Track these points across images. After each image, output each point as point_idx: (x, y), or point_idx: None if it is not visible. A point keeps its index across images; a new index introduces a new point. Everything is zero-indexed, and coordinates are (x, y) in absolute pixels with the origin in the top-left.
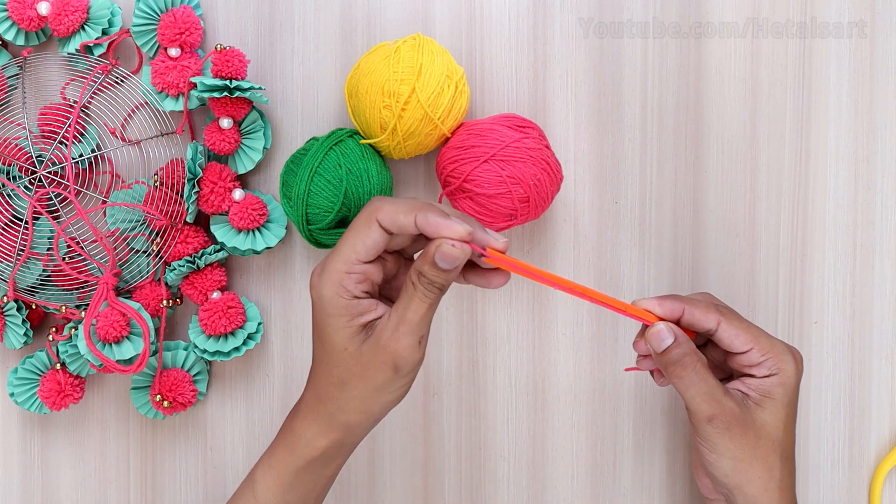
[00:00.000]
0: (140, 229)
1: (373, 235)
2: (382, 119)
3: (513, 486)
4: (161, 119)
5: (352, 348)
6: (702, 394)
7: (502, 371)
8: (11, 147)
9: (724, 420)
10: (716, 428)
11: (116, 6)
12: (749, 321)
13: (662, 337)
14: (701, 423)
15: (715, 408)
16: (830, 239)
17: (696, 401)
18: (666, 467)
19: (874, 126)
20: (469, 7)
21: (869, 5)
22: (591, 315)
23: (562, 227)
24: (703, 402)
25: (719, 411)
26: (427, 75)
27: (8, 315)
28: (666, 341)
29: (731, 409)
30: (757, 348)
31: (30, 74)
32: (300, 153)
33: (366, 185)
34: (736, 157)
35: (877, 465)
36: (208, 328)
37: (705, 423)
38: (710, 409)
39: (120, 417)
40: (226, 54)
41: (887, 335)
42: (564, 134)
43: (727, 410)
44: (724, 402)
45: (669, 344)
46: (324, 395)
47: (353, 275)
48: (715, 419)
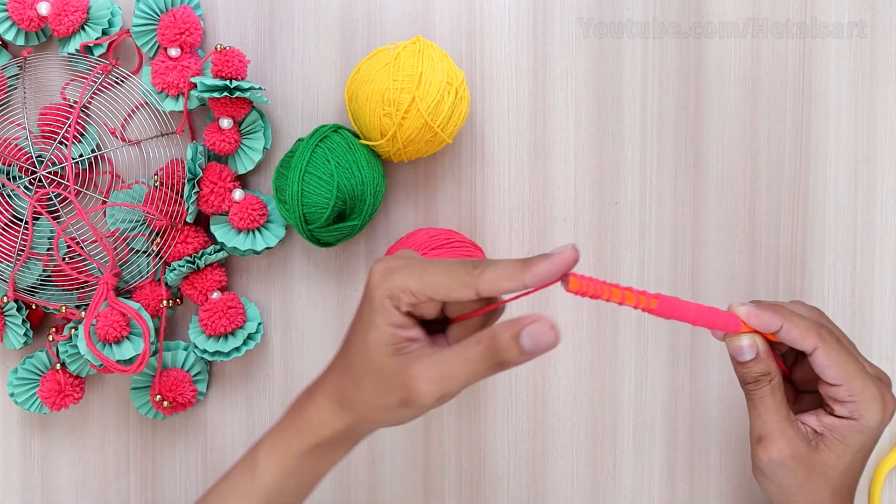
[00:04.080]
0: (140, 229)
1: (463, 293)
2: (382, 126)
3: (513, 486)
4: (161, 119)
5: (377, 354)
6: (767, 421)
7: (502, 371)
8: (11, 147)
9: (779, 452)
10: (767, 453)
11: (116, 6)
12: (852, 353)
13: (744, 351)
14: (752, 443)
15: (779, 441)
16: (830, 239)
17: (758, 423)
18: (666, 467)
19: (874, 126)
20: (469, 7)
21: (869, 5)
22: (591, 315)
23: (562, 227)
24: (762, 426)
25: (782, 445)
26: (427, 83)
27: (8, 315)
28: (746, 356)
29: (794, 445)
30: (846, 387)
31: (30, 74)
32: (288, 156)
33: (357, 176)
34: (736, 157)
35: (877, 465)
36: (208, 328)
37: (755, 444)
38: (765, 433)
39: (120, 417)
40: (226, 54)
41: (887, 335)
42: (564, 134)
43: (789, 444)
44: (788, 435)
45: (749, 360)
46: (339, 384)
47: (417, 301)
48: (766, 443)
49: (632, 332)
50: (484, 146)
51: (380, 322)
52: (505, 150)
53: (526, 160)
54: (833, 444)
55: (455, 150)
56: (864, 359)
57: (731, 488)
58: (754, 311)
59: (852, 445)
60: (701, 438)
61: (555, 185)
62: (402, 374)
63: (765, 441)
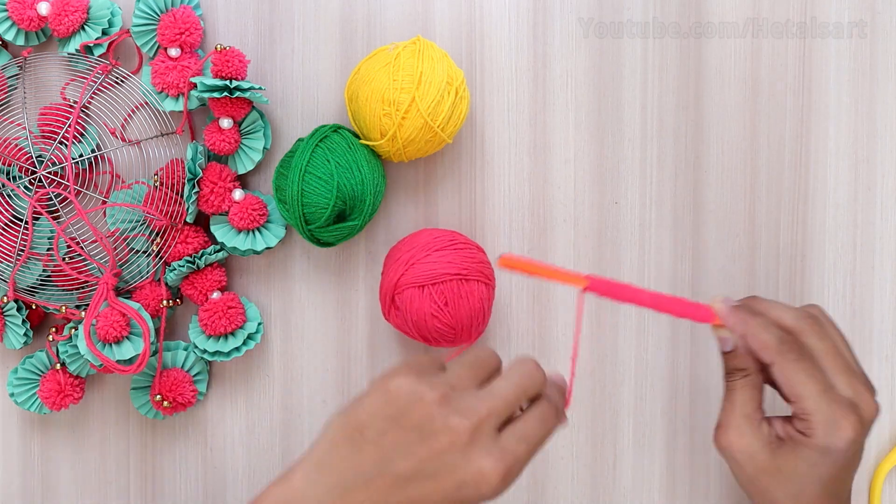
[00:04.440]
0: (140, 229)
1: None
2: (382, 126)
3: (513, 486)
4: (161, 119)
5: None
6: (728, 411)
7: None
8: (11, 147)
9: (727, 442)
10: (717, 441)
11: (116, 6)
12: (813, 372)
13: (724, 342)
14: (715, 429)
15: (731, 433)
16: (830, 239)
17: (722, 411)
18: (666, 467)
19: (874, 126)
20: (469, 7)
21: (869, 5)
22: (590, 315)
23: (562, 227)
24: (723, 414)
25: (732, 437)
26: (427, 83)
27: (8, 315)
28: (726, 347)
29: (745, 440)
30: (798, 405)
31: (30, 74)
32: (288, 156)
33: (357, 176)
34: (736, 157)
35: (877, 465)
36: (208, 328)
37: (714, 429)
38: (722, 422)
39: (120, 417)
40: (226, 54)
41: (887, 335)
42: (564, 134)
43: (739, 439)
44: (742, 430)
45: (728, 350)
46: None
47: None
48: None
49: (632, 331)
50: (484, 146)
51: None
52: (505, 150)
53: (526, 160)
54: (786, 452)
55: (455, 150)
56: (849, 380)
57: (731, 488)
58: (724, 311)
59: (803, 459)
60: (701, 438)
61: (555, 185)
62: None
63: (720, 430)
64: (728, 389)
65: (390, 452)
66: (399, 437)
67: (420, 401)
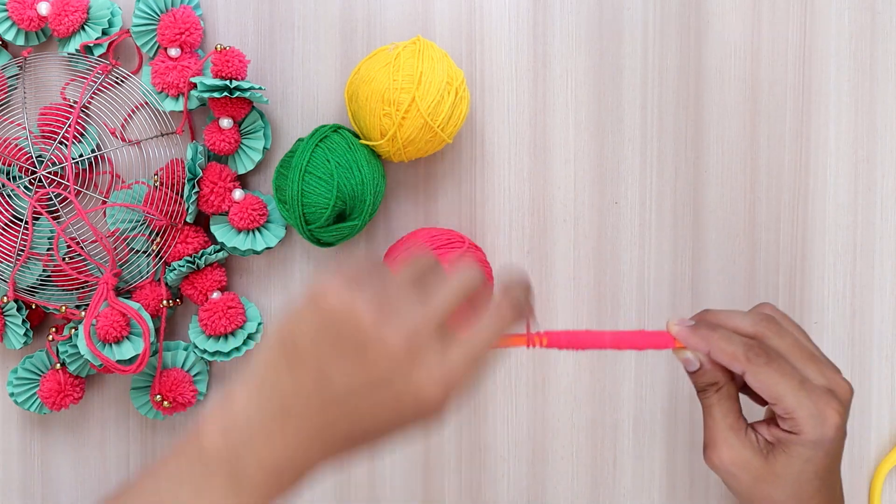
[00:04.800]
0: (140, 229)
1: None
2: (382, 126)
3: (513, 486)
4: (161, 119)
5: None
6: (712, 428)
7: (502, 371)
8: (11, 147)
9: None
10: (709, 460)
11: (116, 6)
12: (785, 370)
13: (687, 363)
14: (703, 448)
15: (721, 448)
16: (830, 239)
17: (706, 430)
18: (666, 467)
19: (874, 126)
20: (469, 7)
21: (869, 5)
22: (591, 315)
23: (562, 227)
24: (708, 433)
25: (724, 452)
26: (427, 83)
27: (8, 315)
28: (690, 368)
29: (736, 453)
30: (780, 406)
31: (30, 74)
32: (288, 156)
33: (357, 176)
34: (736, 157)
35: (877, 465)
36: (208, 328)
37: (703, 451)
38: (709, 440)
39: (120, 417)
40: (226, 54)
41: (887, 335)
42: (564, 134)
43: (730, 452)
44: (731, 443)
45: (695, 370)
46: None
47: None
48: (709, 451)
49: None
50: (484, 146)
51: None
52: (505, 150)
53: (526, 160)
54: (779, 455)
55: (455, 150)
56: (818, 367)
57: None
58: (683, 333)
59: (797, 457)
60: (701, 438)
61: (555, 185)
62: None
63: (708, 448)
64: (706, 406)
65: (328, 371)
66: (335, 356)
67: (354, 316)
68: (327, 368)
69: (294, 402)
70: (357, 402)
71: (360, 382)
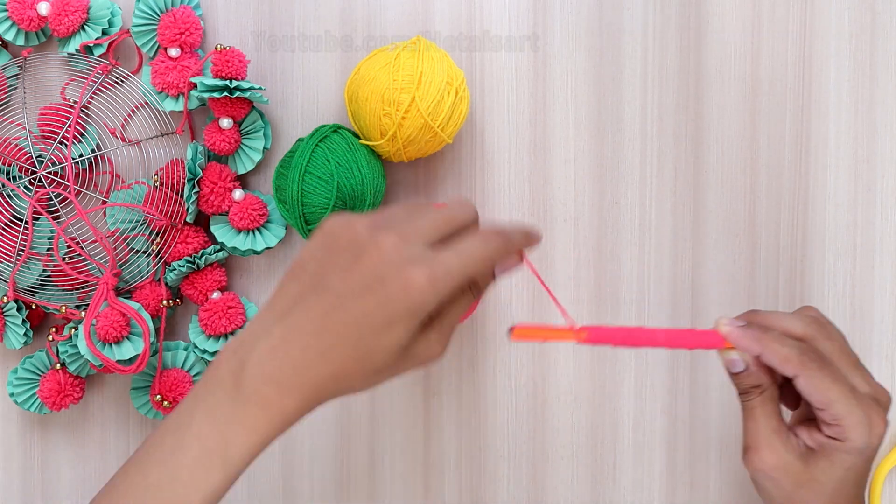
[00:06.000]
0: (140, 229)
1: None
2: (382, 126)
3: (513, 486)
4: (161, 119)
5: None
6: (754, 431)
7: (502, 371)
8: (11, 147)
9: (762, 463)
10: (751, 463)
11: (116, 6)
12: (837, 376)
13: (733, 364)
14: (742, 452)
15: (763, 452)
16: (830, 239)
17: (747, 433)
18: (666, 467)
19: (874, 126)
20: (469, 7)
21: (869, 5)
22: (591, 315)
23: (562, 227)
24: (749, 436)
25: (766, 455)
26: (427, 83)
27: (8, 315)
28: (736, 368)
29: (779, 456)
30: (829, 412)
31: (30, 74)
32: (288, 156)
33: (357, 176)
34: (736, 157)
35: (877, 465)
36: (208, 328)
37: (743, 454)
38: (751, 443)
39: (120, 417)
40: (226, 54)
41: (887, 335)
42: (564, 134)
43: (773, 456)
44: (774, 447)
45: (739, 371)
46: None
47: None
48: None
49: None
50: (484, 146)
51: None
52: (505, 150)
53: (526, 160)
54: (821, 461)
55: (455, 150)
56: (862, 375)
57: (731, 488)
58: (735, 333)
59: (840, 464)
60: (701, 438)
61: (555, 185)
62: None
63: (750, 451)
64: (748, 409)
65: (325, 275)
66: (332, 261)
67: (351, 228)
68: (326, 273)
69: (294, 305)
70: (353, 301)
71: (355, 283)
